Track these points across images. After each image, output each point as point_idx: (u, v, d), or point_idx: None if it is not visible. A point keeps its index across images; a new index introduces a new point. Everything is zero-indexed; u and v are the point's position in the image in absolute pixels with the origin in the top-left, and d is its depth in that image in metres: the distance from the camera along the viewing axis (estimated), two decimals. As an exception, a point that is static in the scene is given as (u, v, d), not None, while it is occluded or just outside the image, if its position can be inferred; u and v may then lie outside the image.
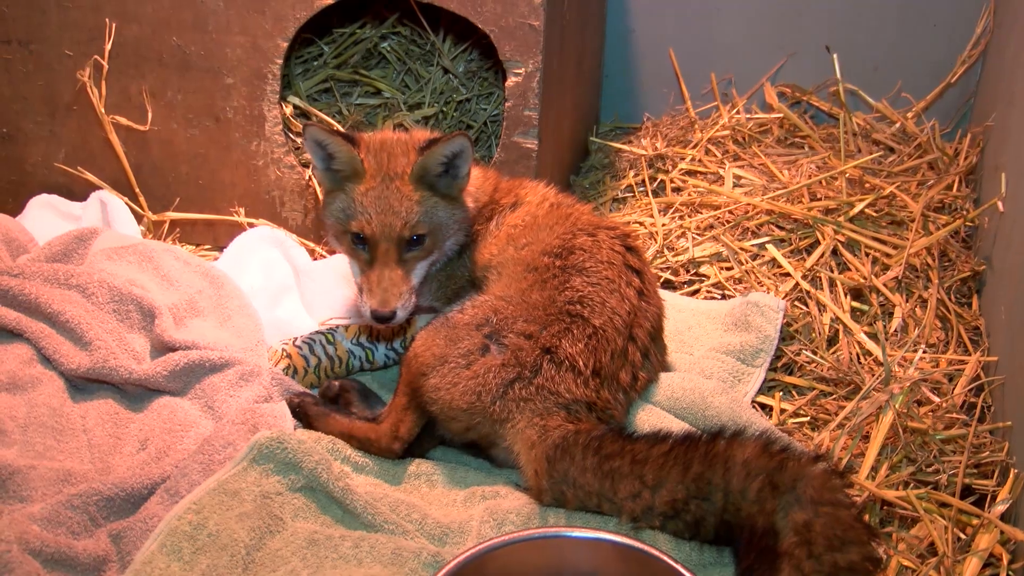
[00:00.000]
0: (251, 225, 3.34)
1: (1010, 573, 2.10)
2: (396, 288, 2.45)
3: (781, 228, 3.26)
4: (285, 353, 2.69)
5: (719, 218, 3.34)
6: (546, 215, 2.62)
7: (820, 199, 3.33)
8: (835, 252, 3.13)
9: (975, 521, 2.21)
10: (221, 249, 3.29)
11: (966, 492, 2.33)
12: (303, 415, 2.49)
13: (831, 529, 1.89)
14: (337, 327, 2.78)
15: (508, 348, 2.30)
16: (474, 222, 2.66)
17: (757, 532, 1.97)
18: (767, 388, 2.73)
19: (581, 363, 2.29)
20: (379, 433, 2.39)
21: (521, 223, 2.62)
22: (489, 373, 2.28)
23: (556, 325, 2.33)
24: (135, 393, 2.58)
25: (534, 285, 2.43)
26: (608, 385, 2.34)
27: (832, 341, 2.86)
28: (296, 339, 2.74)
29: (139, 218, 3.37)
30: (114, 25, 3.21)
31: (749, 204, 3.32)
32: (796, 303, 2.97)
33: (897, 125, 3.78)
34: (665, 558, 1.92)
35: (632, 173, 3.71)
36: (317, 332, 2.77)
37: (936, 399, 2.58)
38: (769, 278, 3.08)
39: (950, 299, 2.98)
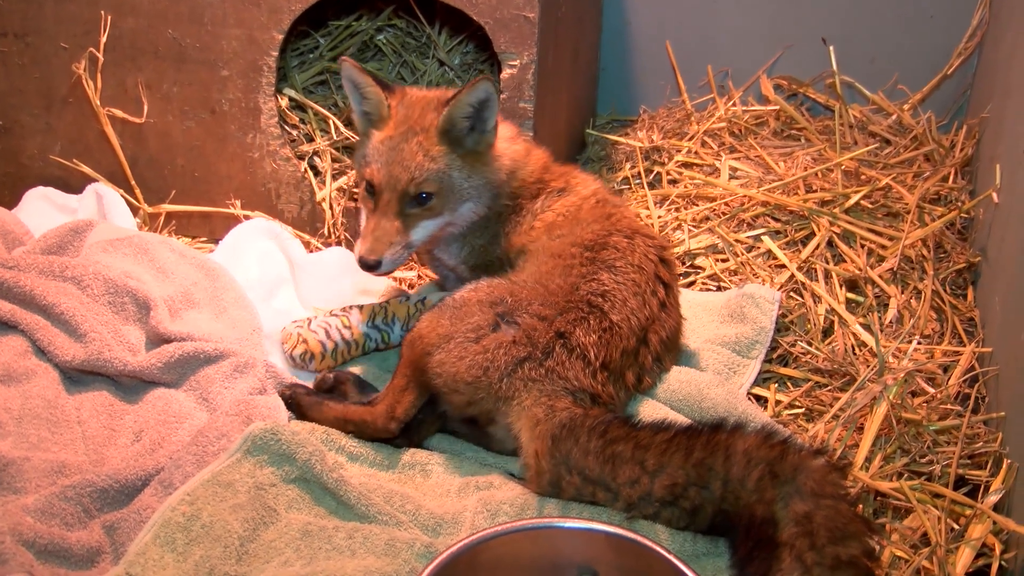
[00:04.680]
0: (247, 217, 3.33)
1: (1003, 563, 2.11)
2: (388, 238, 2.46)
3: (777, 220, 3.26)
4: (301, 338, 2.67)
5: (715, 210, 3.34)
6: (590, 210, 2.61)
7: (816, 191, 3.33)
8: (830, 244, 3.13)
9: (968, 511, 2.22)
10: (217, 241, 3.29)
11: (959, 483, 2.33)
12: (296, 406, 2.49)
13: (832, 522, 1.89)
14: (351, 309, 2.76)
15: (521, 327, 2.30)
16: (516, 195, 2.63)
17: (756, 521, 1.98)
18: (762, 379, 2.73)
19: (592, 354, 2.29)
20: (375, 414, 2.39)
21: (565, 212, 2.62)
22: (500, 349, 2.28)
23: (573, 313, 2.33)
24: (130, 385, 2.59)
25: (555, 271, 2.42)
26: (614, 381, 2.34)
27: (827, 332, 2.86)
28: (311, 322, 2.71)
29: (135, 210, 3.37)
30: (110, 18, 3.21)
31: (745, 196, 3.32)
32: (791, 294, 2.97)
33: (893, 117, 3.78)
34: (659, 548, 1.91)
35: (628, 165, 3.70)
36: (332, 315, 2.73)
37: (930, 390, 2.58)
38: (765, 270, 3.08)
39: (945, 290, 2.98)
